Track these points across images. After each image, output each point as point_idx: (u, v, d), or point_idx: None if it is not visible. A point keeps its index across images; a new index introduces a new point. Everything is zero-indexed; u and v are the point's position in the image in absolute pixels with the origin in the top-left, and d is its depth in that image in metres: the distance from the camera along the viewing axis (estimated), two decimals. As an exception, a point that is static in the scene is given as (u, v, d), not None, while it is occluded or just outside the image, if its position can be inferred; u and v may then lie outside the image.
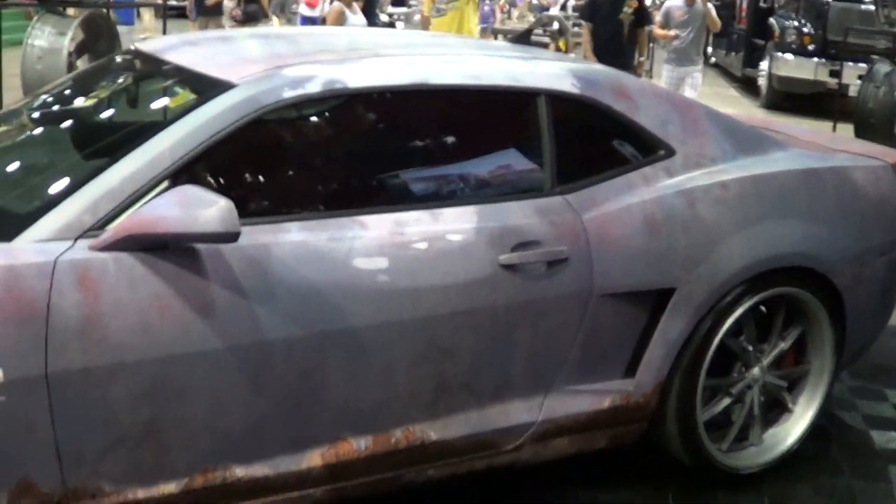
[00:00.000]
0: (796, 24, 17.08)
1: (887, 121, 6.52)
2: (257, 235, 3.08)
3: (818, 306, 4.18)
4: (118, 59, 4.40)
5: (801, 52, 16.71)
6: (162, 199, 2.95)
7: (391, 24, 19.60)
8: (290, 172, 3.70)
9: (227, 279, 3.03)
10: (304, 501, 3.37)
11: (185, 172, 3.12)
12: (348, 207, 3.40)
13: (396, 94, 3.63)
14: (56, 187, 3.14)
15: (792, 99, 16.28)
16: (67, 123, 4.00)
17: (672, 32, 10.98)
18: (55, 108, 4.12)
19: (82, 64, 6.90)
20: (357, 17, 10.67)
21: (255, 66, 3.41)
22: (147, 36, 17.13)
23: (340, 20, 10.41)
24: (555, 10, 23.87)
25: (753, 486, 4.17)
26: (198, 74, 3.51)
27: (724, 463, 4.13)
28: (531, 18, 23.02)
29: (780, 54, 16.98)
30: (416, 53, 3.92)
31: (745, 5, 20.25)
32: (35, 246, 2.90)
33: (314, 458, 3.31)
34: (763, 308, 4.12)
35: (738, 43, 20.55)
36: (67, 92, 4.30)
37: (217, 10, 16.27)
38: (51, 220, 2.97)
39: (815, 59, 16.16)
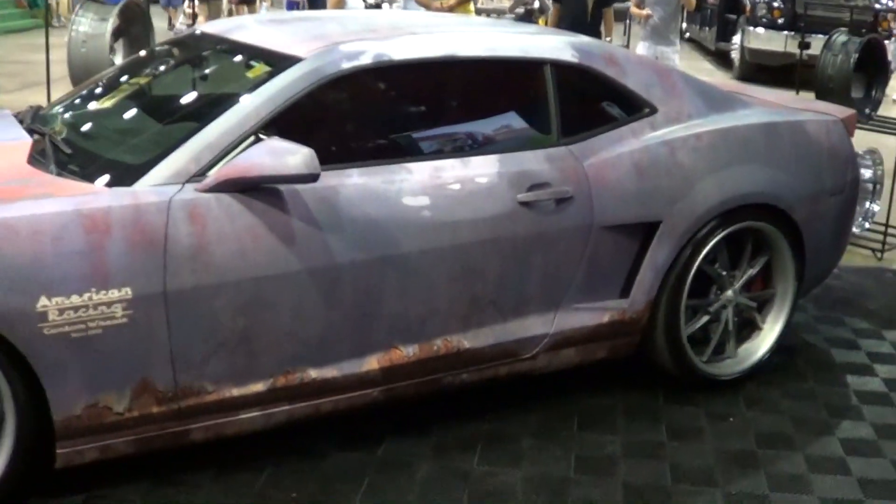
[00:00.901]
0: (766, -1, 17.67)
1: (844, 85, 7.23)
2: (326, 179, 3.81)
3: (780, 238, 4.92)
4: (189, 39, 5.14)
5: (771, 25, 17.32)
6: (254, 149, 3.69)
7: (377, 6, 20.26)
8: (350, 128, 4.43)
9: (305, 214, 3.78)
10: (363, 399, 4.10)
11: (267, 129, 3.85)
12: (396, 156, 4.16)
13: (431, 65, 4.39)
14: (164, 143, 3.86)
15: (764, 71, 16.84)
16: (165, 90, 4.75)
17: (646, 11, 11.03)
18: (149, 78, 4.85)
19: (119, 47, 7.56)
20: (356, 2, 11.33)
21: (316, 43, 4.16)
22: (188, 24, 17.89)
23: (340, 4, 11.05)
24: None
25: (730, 390, 4.91)
26: (269, 50, 4.26)
27: (705, 371, 4.87)
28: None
29: (751, 28, 17.59)
30: (444, 31, 4.67)
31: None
32: (153, 189, 3.64)
33: (372, 363, 4.04)
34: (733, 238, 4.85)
35: (711, 18, 21.10)
36: (153, 65, 5.05)
37: None
38: (163, 168, 3.71)
39: (785, 33, 16.75)
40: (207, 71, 4.78)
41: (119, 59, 7.39)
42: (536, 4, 19.09)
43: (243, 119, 3.82)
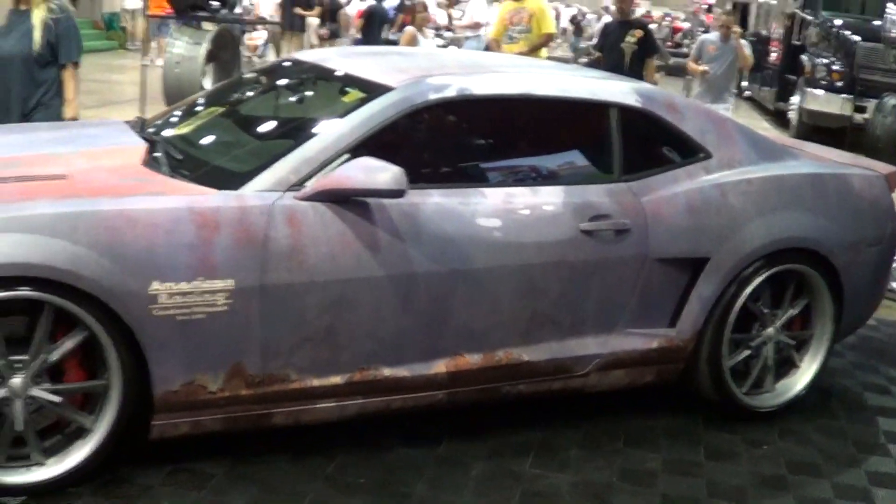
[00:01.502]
0: (826, 61, 17.98)
1: (891, 144, 7.63)
2: (409, 196, 4.20)
3: (820, 282, 5.27)
4: (285, 65, 5.61)
5: (829, 87, 17.63)
6: (348, 165, 4.13)
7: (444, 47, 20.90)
8: (433, 153, 4.85)
9: (389, 226, 4.20)
10: (429, 400, 4.49)
11: (359, 148, 4.28)
12: (473, 181, 4.60)
13: (508, 101, 4.82)
14: (266, 155, 4.31)
15: (820, 132, 17.09)
16: (265, 109, 5.23)
17: (702, 67, 11.27)
18: (250, 97, 5.33)
19: (209, 70, 8.06)
20: (428, 41, 11.85)
21: (406, 74, 4.60)
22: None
23: (412, 42, 11.58)
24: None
25: (766, 421, 5.25)
26: (364, 79, 4.70)
27: (744, 402, 5.21)
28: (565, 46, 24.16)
29: (810, 90, 17.90)
30: (521, 71, 5.11)
31: (778, 42, 21.12)
32: (257, 193, 4.08)
33: (439, 367, 4.44)
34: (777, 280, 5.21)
35: (772, 78, 21.46)
36: (253, 85, 5.54)
37: (301, 27, 17.79)
38: (266, 176, 4.15)
39: (842, 96, 17.05)
40: (305, 94, 5.24)
41: (208, 82, 7.87)
42: (597, 55, 19.59)
43: (339, 138, 4.26)
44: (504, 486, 4.32)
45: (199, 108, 5.29)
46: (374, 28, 19.14)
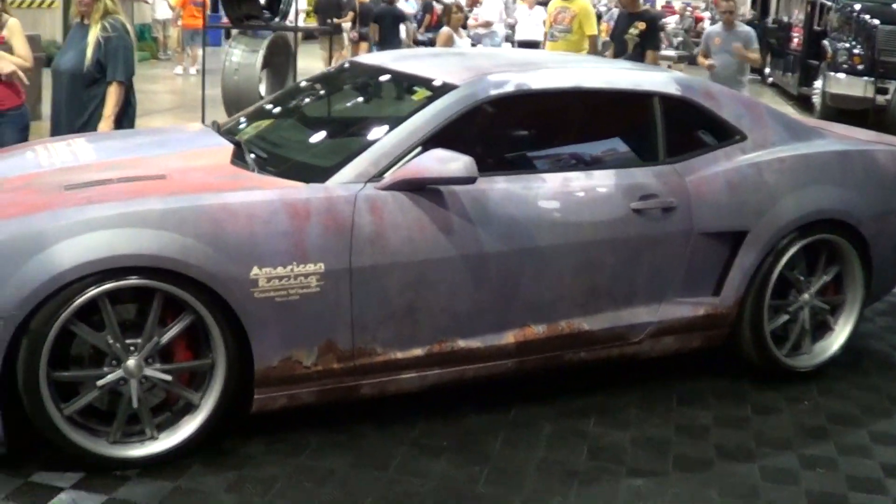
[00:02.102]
0: (847, 45, 18.31)
1: (915, 124, 8.03)
2: (477, 183, 4.65)
3: (850, 250, 5.70)
4: (350, 68, 6.10)
5: (851, 71, 17.96)
6: (423, 156, 4.58)
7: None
8: (496, 143, 5.29)
9: (461, 211, 4.65)
10: (499, 369, 4.94)
11: (431, 141, 4.73)
12: (533, 168, 5.06)
13: (561, 94, 5.30)
14: (346, 151, 4.77)
15: (844, 114, 17.39)
16: (338, 109, 5.75)
17: (709, 61, 11.22)
18: (321, 98, 5.83)
19: (264, 76, 8.55)
20: (463, 41, 12.32)
21: (469, 73, 5.06)
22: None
23: (449, 42, 12.03)
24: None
25: (805, 380, 5.69)
26: (429, 78, 5.16)
27: (785, 363, 5.64)
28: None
29: (832, 73, 18.24)
30: (571, 66, 5.59)
31: (800, 28, 21.45)
32: (342, 185, 4.53)
33: (509, 338, 4.89)
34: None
35: (794, 63, 21.80)
36: (322, 88, 6.05)
37: (338, 31, 18.60)
38: (349, 169, 4.60)
39: (864, 78, 17.39)
40: (374, 94, 5.72)
41: (264, 87, 8.35)
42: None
43: (412, 133, 4.72)
44: (572, 444, 4.76)
45: (272, 111, 5.76)
46: (388, 30, 19.69)
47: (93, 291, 4.06)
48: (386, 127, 4.82)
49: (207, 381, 4.38)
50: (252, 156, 4.93)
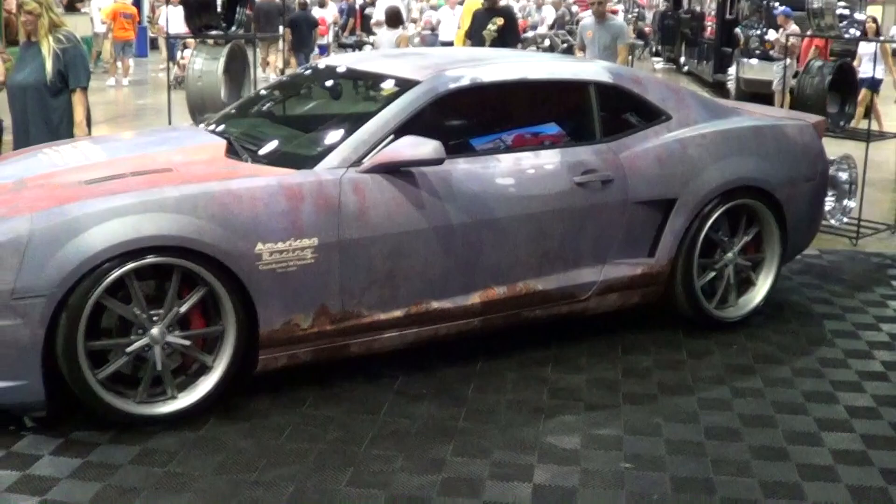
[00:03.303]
0: (758, 32, 19.22)
1: (820, 103, 8.85)
2: (443, 165, 5.39)
3: (767, 213, 6.48)
4: (322, 69, 6.81)
5: (764, 56, 18.88)
6: (396, 142, 5.25)
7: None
8: (455, 129, 6.02)
9: (430, 189, 5.34)
10: (467, 327, 5.64)
11: (401, 130, 5.41)
12: (489, 150, 5.79)
13: (510, 85, 6.05)
14: (328, 141, 5.46)
15: (757, 98, 18.27)
16: (316, 105, 6.49)
17: (580, 54, 11.13)
18: (298, 96, 6.56)
19: (223, 80, 9.18)
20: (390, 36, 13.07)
21: (428, 70, 5.77)
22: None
23: (407, 43, 12.68)
24: (542, 29, 26.43)
25: (733, 328, 6.48)
26: (394, 76, 5.86)
27: (714, 315, 6.41)
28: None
29: (745, 60, 19.15)
30: (516, 60, 6.35)
31: (713, 17, 22.32)
32: (328, 170, 5.21)
33: (474, 298, 5.59)
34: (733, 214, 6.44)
35: (708, 51, 22.73)
36: (297, 87, 6.79)
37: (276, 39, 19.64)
38: (333, 157, 5.27)
39: (775, 63, 18.28)
40: (347, 91, 6.43)
41: (223, 91, 9.01)
42: (547, 42, 20.99)
43: (385, 123, 5.41)
44: (535, 387, 5.49)
45: (251, 110, 6.45)
46: (303, 34, 20.80)
47: (122, 269, 4.69)
48: (361, 119, 5.51)
49: (219, 345, 5.01)
50: (243, 149, 5.57)
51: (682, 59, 26.92)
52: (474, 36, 12.27)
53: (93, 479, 4.41)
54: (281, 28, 17.70)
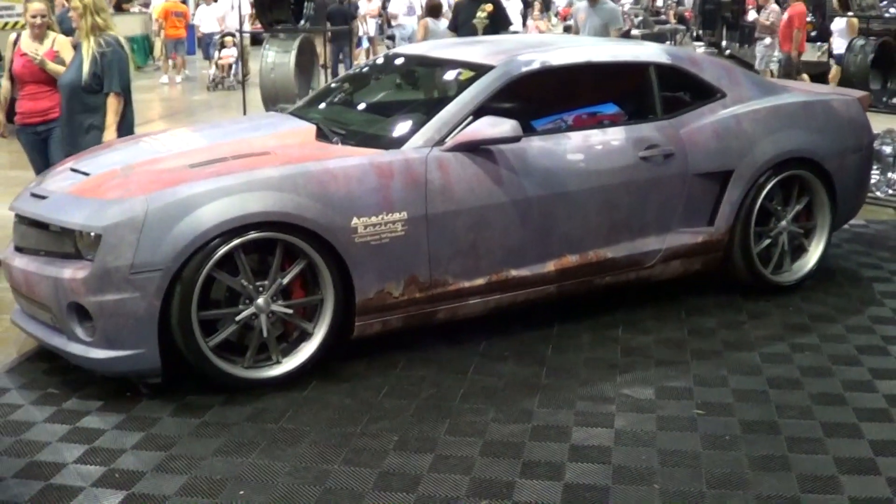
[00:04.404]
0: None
1: (863, 79, 9.25)
2: (519, 142, 5.85)
3: (817, 182, 6.87)
4: (393, 58, 7.31)
5: (807, 38, 19.04)
6: (477, 122, 5.69)
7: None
8: (529, 110, 6.43)
9: (508, 165, 5.78)
10: (544, 293, 6.07)
11: (479, 111, 5.86)
12: (560, 128, 6.24)
13: (576, 68, 6.50)
14: (414, 123, 5.90)
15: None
16: (395, 90, 6.96)
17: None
18: (378, 82, 7.11)
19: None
20: (440, 25, 13.12)
21: (501, 55, 6.21)
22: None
23: (427, 32, 12.82)
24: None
25: (788, 292, 6.88)
26: (470, 62, 6.32)
27: (770, 279, 6.81)
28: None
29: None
30: (580, 45, 6.81)
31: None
32: (414, 149, 5.65)
33: (549, 266, 6.02)
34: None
35: (750, 36, 22.90)
36: (375, 74, 7.32)
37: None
38: (419, 137, 5.71)
39: (819, 43, 18.50)
40: (424, 77, 6.91)
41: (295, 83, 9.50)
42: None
43: (464, 105, 5.85)
44: (608, 347, 5.93)
45: (331, 97, 6.93)
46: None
47: (231, 244, 5.13)
48: (441, 102, 5.97)
49: (318, 314, 5.44)
50: (332, 133, 6.02)
51: (724, 43, 27.13)
52: (461, 28, 12.06)
53: (212, 435, 4.84)
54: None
